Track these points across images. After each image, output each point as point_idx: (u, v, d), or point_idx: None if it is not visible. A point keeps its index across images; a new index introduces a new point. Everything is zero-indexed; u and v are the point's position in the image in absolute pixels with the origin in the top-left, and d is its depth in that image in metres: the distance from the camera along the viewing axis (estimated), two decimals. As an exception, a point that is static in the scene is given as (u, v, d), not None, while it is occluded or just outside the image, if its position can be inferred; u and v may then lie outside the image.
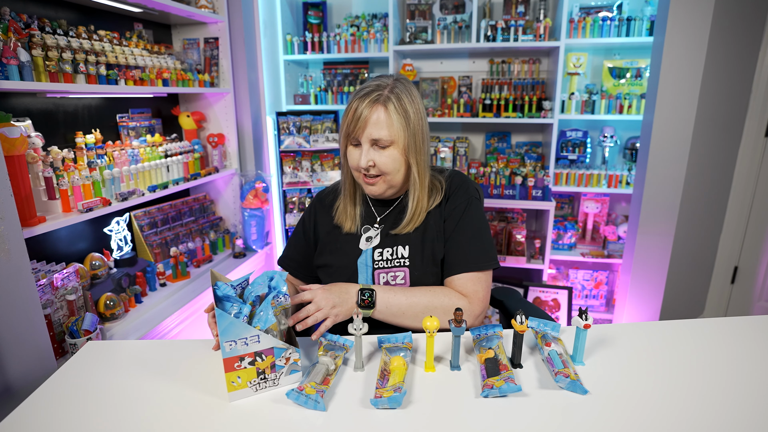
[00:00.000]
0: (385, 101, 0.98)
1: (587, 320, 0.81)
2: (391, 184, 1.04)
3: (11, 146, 1.19)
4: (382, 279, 1.07)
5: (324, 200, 1.19)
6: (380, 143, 0.99)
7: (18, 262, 1.13)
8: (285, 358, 0.79)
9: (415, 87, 1.15)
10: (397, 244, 1.07)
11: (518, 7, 2.52)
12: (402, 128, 0.99)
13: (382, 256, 1.07)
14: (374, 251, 1.07)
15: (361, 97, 0.99)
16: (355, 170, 1.04)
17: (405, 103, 0.99)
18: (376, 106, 0.98)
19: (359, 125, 0.98)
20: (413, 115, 1.00)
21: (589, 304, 2.75)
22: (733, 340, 0.92)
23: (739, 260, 2.31)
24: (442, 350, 0.90)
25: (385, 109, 0.98)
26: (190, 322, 1.79)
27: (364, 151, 0.99)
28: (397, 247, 1.07)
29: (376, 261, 1.07)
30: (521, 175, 2.50)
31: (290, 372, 0.80)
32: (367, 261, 1.07)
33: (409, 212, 1.06)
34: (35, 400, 0.78)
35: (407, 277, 1.06)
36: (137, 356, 0.93)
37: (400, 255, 1.06)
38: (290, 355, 0.80)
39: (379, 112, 0.98)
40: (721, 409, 0.72)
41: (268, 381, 0.79)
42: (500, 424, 0.70)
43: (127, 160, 1.67)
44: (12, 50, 1.22)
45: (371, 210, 1.13)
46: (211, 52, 2.13)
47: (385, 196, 1.07)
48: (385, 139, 0.98)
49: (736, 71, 2.05)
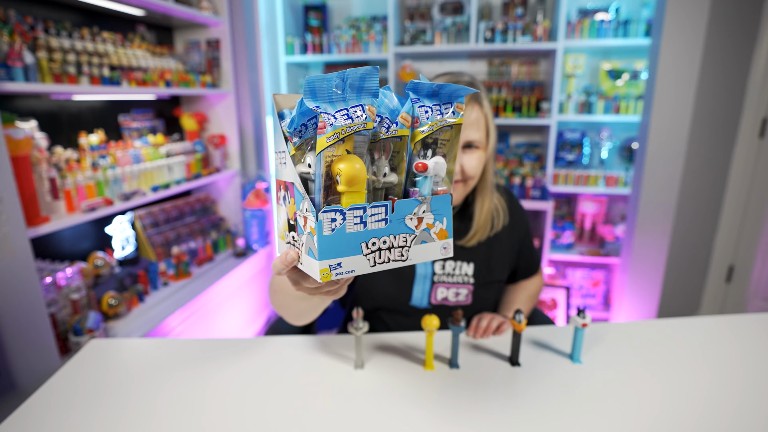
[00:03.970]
0: (480, 99, 0.89)
1: (585, 319, 0.82)
2: (469, 189, 0.96)
3: (16, 147, 1.20)
4: (441, 294, 1.00)
5: None
6: (473, 145, 0.90)
7: (23, 261, 1.14)
8: (303, 217, 0.47)
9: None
10: (461, 260, 1.01)
11: (517, 9, 2.54)
12: (492, 130, 0.92)
13: (444, 269, 1.00)
14: (434, 263, 1.00)
15: None
16: None
17: (489, 101, 0.91)
18: (475, 105, 0.88)
19: None
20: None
21: (586, 303, 2.77)
22: (729, 337, 0.94)
23: (735, 259, 2.33)
24: (441, 349, 0.91)
25: (481, 107, 0.89)
26: (192, 320, 1.80)
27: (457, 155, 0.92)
28: (461, 263, 1.01)
29: (437, 273, 1.00)
30: (520, 176, 2.52)
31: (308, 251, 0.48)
32: (427, 272, 1.00)
33: (476, 221, 0.99)
34: (40, 397, 0.79)
35: (470, 295, 1.02)
36: (140, 354, 0.93)
37: (464, 272, 1.00)
38: (306, 214, 0.46)
39: (476, 111, 0.88)
40: (717, 405, 0.73)
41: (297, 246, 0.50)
42: (500, 423, 0.71)
43: (129, 161, 1.69)
44: (17, 52, 1.24)
45: None
46: (212, 54, 2.14)
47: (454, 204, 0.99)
48: (478, 141, 0.90)
49: (732, 73, 2.07)
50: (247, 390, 0.80)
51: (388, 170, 0.49)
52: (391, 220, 0.47)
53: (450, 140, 0.51)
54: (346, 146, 0.44)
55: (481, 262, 1.02)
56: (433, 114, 0.49)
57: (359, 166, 0.44)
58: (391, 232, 0.47)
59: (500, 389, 0.79)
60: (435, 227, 0.50)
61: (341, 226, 0.45)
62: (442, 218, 0.50)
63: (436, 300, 1.01)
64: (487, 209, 1.00)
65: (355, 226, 0.45)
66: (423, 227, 0.49)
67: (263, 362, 0.88)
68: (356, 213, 0.45)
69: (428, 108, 0.49)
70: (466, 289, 1.01)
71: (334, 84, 0.44)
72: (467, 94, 0.49)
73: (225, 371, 0.85)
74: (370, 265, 0.47)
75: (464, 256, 1.01)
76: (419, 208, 0.48)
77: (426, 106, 0.49)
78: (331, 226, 0.44)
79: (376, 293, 1.01)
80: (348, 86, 0.45)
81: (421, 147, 0.49)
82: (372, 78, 0.45)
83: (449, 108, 0.49)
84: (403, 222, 0.48)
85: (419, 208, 0.48)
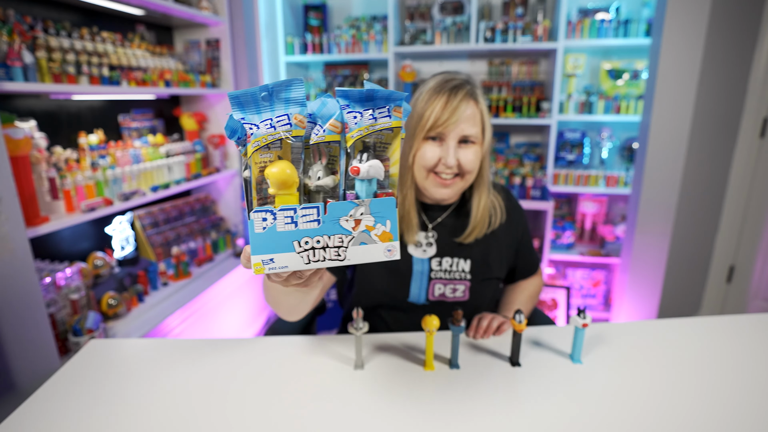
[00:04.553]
0: (476, 96, 0.92)
1: (585, 319, 0.82)
2: (467, 184, 0.98)
3: (16, 147, 1.20)
4: (438, 290, 1.01)
5: None
6: (469, 139, 0.93)
7: (22, 261, 1.14)
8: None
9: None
10: (458, 257, 1.02)
11: (517, 8, 2.54)
12: (489, 126, 0.95)
13: (441, 266, 1.01)
14: (431, 260, 1.01)
15: (451, 90, 0.91)
16: (429, 170, 0.95)
17: (485, 99, 0.95)
18: (469, 100, 0.91)
19: (451, 120, 0.90)
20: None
21: (587, 303, 2.76)
22: (729, 337, 0.94)
23: (735, 259, 2.33)
24: (441, 350, 0.91)
25: (476, 104, 0.92)
26: (192, 320, 1.80)
27: (452, 148, 0.91)
28: (458, 260, 1.02)
29: (433, 270, 1.01)
30: (520, 176, 2.51)
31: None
32: (424, 269, 1.01)
33: (474, 217, 1.00)
34: (39, 397, 0.79)
35: (467, 291, 1.02)
36: (139, 355, 0.93)
37: (461, 269, 1.02)
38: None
39: (473, 107, 0.92)
40: (717, 405, 0.73)
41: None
42: (500, 423, 0.71)
43: (129, 161, 1.68)
44: (17, 52, 1.23)
45: (421, 216, 1.04)
46: (212, 54, 2.14)
47: (448, 199, 1.01)
48: (474, 135, 0.93)
49: (732, 72, 2.07)
50: (247, 391, 0.79)
51: (322, 174, 0.51)
52: (324, 221, 0.49)
53: (390, 143, 0.52)
54: (282, 152, 0.48)
55: (478, 258, 1.03)
56: (363, 119, 0.50)
57: (289, 170, 0.47)
58: (326, 232, 0.50)
59: (500, 389, 0.79)
60: (376, 229, 0.51)
61: (272, 225, 0.48)
62: (385, 221, 0.51)
63: (434, 296, 1.01)
64: (483, 205, 1.01)
65: (286, 225, 0.49)
66: (362, 229, 0.51)
67: (263, 363, 0.88)
68: (287, 213, 0.48)
69: (357, 113, 0.50)
70: (464, 285, 1.02)
71: (260, 96, 0.48)
72: (402, 98, 0.51)
73: (225, 372, 0.85)
74: (304, 263, 0.50)
75: (462, 253, 1.02)
76: (356, 210, 0.50)
77: (355, 112, 0.50)
78: (262, 225, 0.48)
79: (375, 291, 1.02)
80: (275, 97, 0.48)
81: (360, 150, 0.51)
82: (297, 88, 0.48)
83: (384, 112, 0.50)
84: (338, 223, 0.50)
85: (356, 210, 0.50)
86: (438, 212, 1.04)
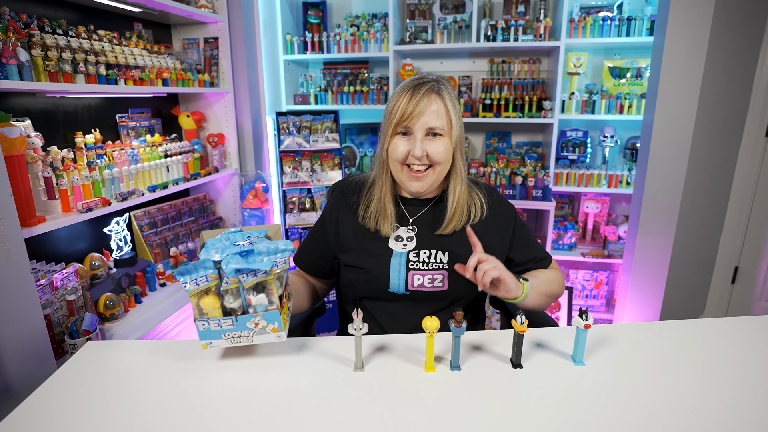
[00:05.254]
0: (441, 91, 1.00)
1: (587, 320, 0.81)
2: (439, 177, 1.03)
3: (11, 146, 1.18)
4: (417, 280, 1.05)
5: (348, 198, 1.13)
6: (436, 131, 0.99)
7: (17, 262, 1.13)
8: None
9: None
10: (437, 248, 1.06)
11: (518, 6, 2.52)
12: (456, 118, 1.01)
13: (419, 257, 1.06)
14: (409, 252, 1.06)
15: (415, 87, 0.99)
16: (401, 163, 1.01)
17: (453, 97, 1.02)
18: (433, 95, 0.99)
19: (415, 113, 0.97)
20: (459, 109, 1.04)
21: (589, 304, 2.75)
22: (734, 340, 0.92)
23: (740, 260, 2.31)
24: (442, 351, 0.90)
25: (441, 98, 0.99)
26: (190, 322, 1.79)
27: (419, 140, 0.98)
28: (436, 251, 1.06)
29: (411, 261, 1.05)
30: (521, 175, 2.49)
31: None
32: (402, 261, 1.06)
33: (450, 208, 1.05)
34: (34, 400, 0.78)
35: (446, 280, 1.05)
36: (137, 356, 0.93)
37: (439, 260, 1.05)
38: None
39: (437, 101, 0.99)
40: (721, 409, 0.72)
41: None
42: (502, 425, 0.70)
43: (126, 160, 1.67)
44: (11, 50, 1.22)
45: (402, 210, 1.10)
46: (210, 52, 2.13)
47: (425, 193, 1.06)
48: (440, 128, 0.99)
49: (737, 71, 2.05)
50: (246, 393, 0.79)
51: (233, 300, 0.84)
52: (236, 324, 0.83)
53: (270, 282, 0.84)
54: (209, 290, 0.84)
55: (456, 249, 1.06)
56: (249, 277, 0.83)
57: (210, 300, 0.83)
58: (239, 329, 0.84)
59: (502, 391, 0.78)
60: (268, 327, 0.84)
61: (208, 326, 0.83)
62: (274, 322, 0.84)
63: (413, 286, 1.06)
64: (459, 196, 1.05)
65: (216, 326, 0.83)
66: (260, 327, 0.84)
67: (262, 364, 0.87)
68: (215, 321, 0.83)
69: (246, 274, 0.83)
70: (441, 275, 1.05)
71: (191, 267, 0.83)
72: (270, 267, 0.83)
73: (224, 373, 0.85)
74: (230, 343, 0.85)
75: (440, 245, 1.07)
76: (254, 318, 0.83)
77: (245, 272, 0.82)
78: (203, 326, 0.83)
79: (357, 284, 1.10)
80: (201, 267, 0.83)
81: (252, 288, 0.84)
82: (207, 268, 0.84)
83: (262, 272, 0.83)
84: (245, 325, 0.84)
85: (255, 318, 0.83)
86: (419, 207, 1.10)
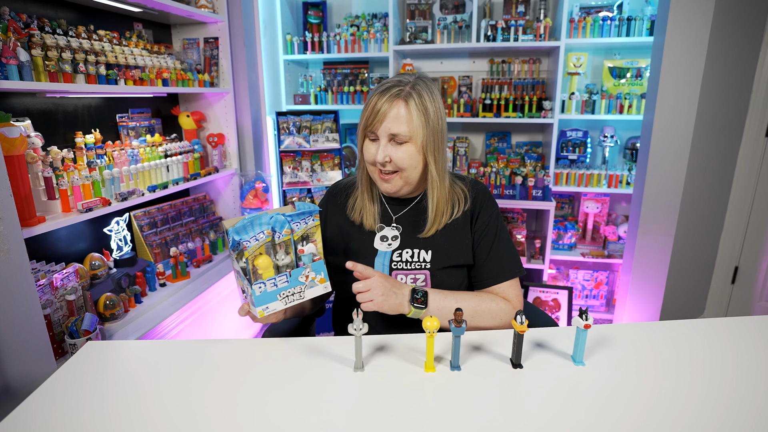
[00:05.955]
0: (406, 97, 0.98)
1: (587, 320, 0.81)
2: (408, 181, 1.03)
3: (11, 146, 1.18)
4: (400, 280, 1.05)
5: (337, 197, 1.15)
6: (398, 138, 0.98)
7: (17, 262, 1.13)
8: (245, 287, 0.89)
9: (437, 86, 1.15)
10: (419, 247, 1.07)
11: (518, 6, 2.52)
12: (421, 125, 0.98)
13: (401, 257, 1.06)
14: (393, 252, 1.07)
15: (382, 92, 0.99)
16: (371, 165, 1.03)
17: (426, 100, 0.99)
18: (397, 101, 0.98)
19: (378, 119, 0.98)
20: (433, 113, 0.99)
21: (589, 304, 2.75)
22: (734, 340, 0.92)
23: (740, 260, 2.31)
24: (442, 351, 0.90)
25: (406, 104, 0.98)
26: (190, 322, 1.79)
27: (382, 146, 0.99)
28: (418, 251, 1.06)
29: (394, 261, 1.06)
30: (521, 175, 2.49)
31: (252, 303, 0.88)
32: (385, 261, 1.06)
33: (431, 212, 1.05)
34: (34, 400, 0.78)
35: (428, 280, 1.06)
36: (137, 357, 0.93)
37: (422, 259, 1.06)
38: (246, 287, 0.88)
39: (400, 107, 0.98)
40: (721, 409, 0.71)
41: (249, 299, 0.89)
42: (502, 425, 0.69)
43: (126, 160, 1.67)
44: (11, 50, 1.22)
45: (386, 208, 1.12)
46: (210, 52, 2.12)
47: (401, 194, 1.07)
48: (403, 134, 0.98)
49: (737, 71, 2.05)
50: (246, 392, 0.79)
51: (284, 255, 0.89)
52: (289, 280, 0.88)
53: (315, 232, 0.91)
54: (260, 249, 0.86)
55: (439, 247, 1.07)
56: (300, 225, 0.89)
57: (265, 259, 0.86)
58: (292, 286, 0.89)
59: (502, 391, 0.78)
60: (317, 278, 0.91)
61: (265, 288, 0.87)
62: (320, 272, 0.91)
63: None
64: (438, 200, 1.05)
65: (272, 286, 0.87)
66: (310, 279, 0.90)
67: (262, 364, 0.87)
68: (270, 282, 0.87)
69: (298, 222, 0.89)
70: (423, 274, 1.06)
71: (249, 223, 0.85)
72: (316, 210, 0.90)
73: (223, 373, 0.84)
74: (285, 304, 0.89)
75: (423, 244, 1.07)
76: (305, 270, 0.89)
77: (296, 222, 0.89)
78: (259, 289, 0.86)
79: (343, 284, 1.08)
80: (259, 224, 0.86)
81: (300, 239, 0.89)
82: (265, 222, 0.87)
83: (310, 217, 0.90)
84: (297, 279, 0.89)
85: (305, 270, 0.89)
86: (401, 206, 1.11)
